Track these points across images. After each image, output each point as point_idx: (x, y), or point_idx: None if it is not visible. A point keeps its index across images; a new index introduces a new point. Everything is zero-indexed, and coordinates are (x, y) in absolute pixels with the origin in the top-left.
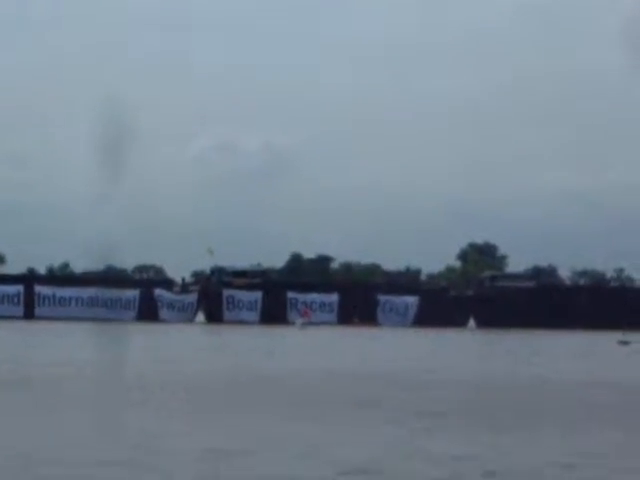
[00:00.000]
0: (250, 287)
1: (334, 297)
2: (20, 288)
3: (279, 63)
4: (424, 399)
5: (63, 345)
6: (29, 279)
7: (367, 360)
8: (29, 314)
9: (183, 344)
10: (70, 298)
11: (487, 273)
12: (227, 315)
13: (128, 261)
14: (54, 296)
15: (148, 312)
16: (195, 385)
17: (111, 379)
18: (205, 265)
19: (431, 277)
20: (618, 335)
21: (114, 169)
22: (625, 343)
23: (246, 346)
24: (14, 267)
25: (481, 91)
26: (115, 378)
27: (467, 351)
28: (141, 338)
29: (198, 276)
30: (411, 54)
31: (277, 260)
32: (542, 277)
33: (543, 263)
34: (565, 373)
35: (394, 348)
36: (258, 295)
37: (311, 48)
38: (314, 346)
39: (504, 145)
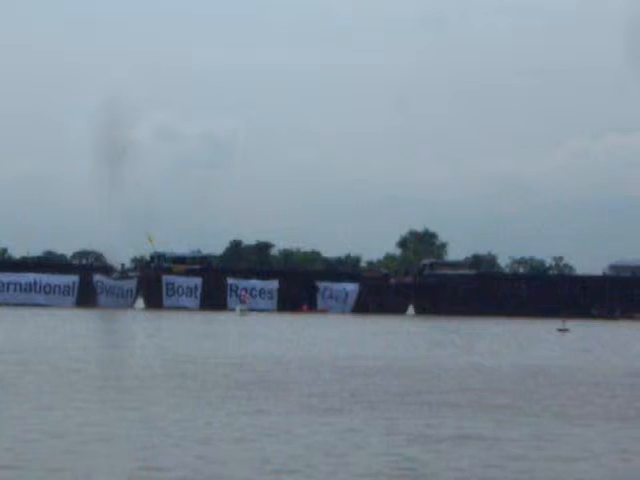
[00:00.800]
0: (190, 273)
1: (274, 284)
2: None
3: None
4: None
5: None
6: None
7: (289, 345)
8: None
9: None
10: (8, 283)
11: (426, 261)
12: (167, 301)
13: (67, 247)
14: None
15: (87, 298)
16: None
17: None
18: (145, 252)
19: (371, 264)
20: (558, 323)
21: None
22: (564, 331)
23: (177, 331)
24: None
25: (424, 73)
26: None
27: (398, 338)
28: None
29: (138, 262)
30: (350, 32)
31: (217, 247)
32: (482, 265)
33: (483, 251)
34: (489, 359)
35: (326, 335)
36: (198, 281)
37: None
38: (244, 332)
39: (446, 133)
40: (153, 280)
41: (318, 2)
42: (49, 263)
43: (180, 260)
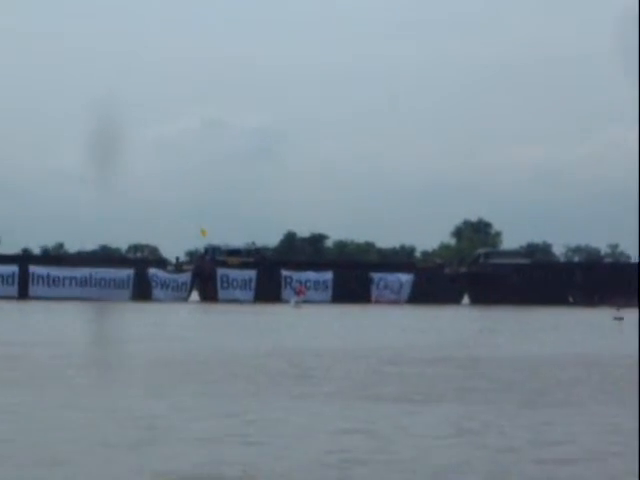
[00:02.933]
0: (244, 266)
1: (328, 275)
2: (15, 268)
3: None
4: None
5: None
6: (24, 259)
7: (347, 337)
8: (23, 294)
9: (173, 322)
10: (64, 278)
11: (481, 250)
12: (221, 294)
13: (122, 240)
14: (48, 276)
15: (142, 291)
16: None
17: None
18: (199, 244)
19: (425, 255)
20: (613, 312)
21: (106, 151)
22: (620, 319)
23: (235, 324)
24: (9, 247)
25: (472, 69)
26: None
27: (455, 328)
28: (133, 316)
29: (192, 255)
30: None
31: (271, 239)
32: (536, 254)
33: (537, 240)
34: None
35: (384, 326)
36: (252, 274)
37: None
38: (302, 324)
39: (500, 124)
40: (207, 273)
41: None
42: (104, 257)
43: (234, 253)
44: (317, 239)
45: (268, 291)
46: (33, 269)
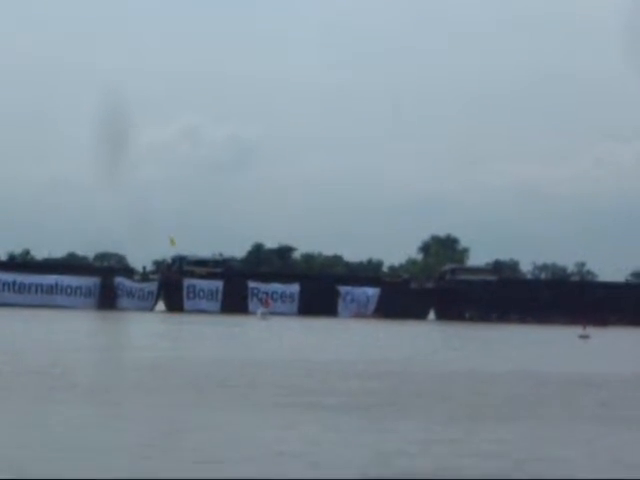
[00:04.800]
0: (211, 276)
1: (295, 287)
2: None
3: (245, 56)
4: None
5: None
6: None
7: (301, 349)
8: None
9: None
10: (30, 285)
11: (448, 266)
12: (188, 304)
13: (89, 248)
14: (14, 283)
15: (108, 300)
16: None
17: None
18: (167, 254)
19: (393, 269)
20: (579, 329)
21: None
22: (585, 337)
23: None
24: None
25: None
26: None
27: (414, 344)
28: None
29: (159, 265)
30: (377, 48)
31: (239, 250)
32: (503, 271)
33: (505, 257)
34: (501, 365)
35: (343, 339)
36: (219, 284)
37: (276, 42)
38: (262, 336)
39: (466, 139)
40: (174, 283)
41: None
42: (71, 265)
43: (201, 263)
44: (285, 251)
45: (235, 302)
46: None
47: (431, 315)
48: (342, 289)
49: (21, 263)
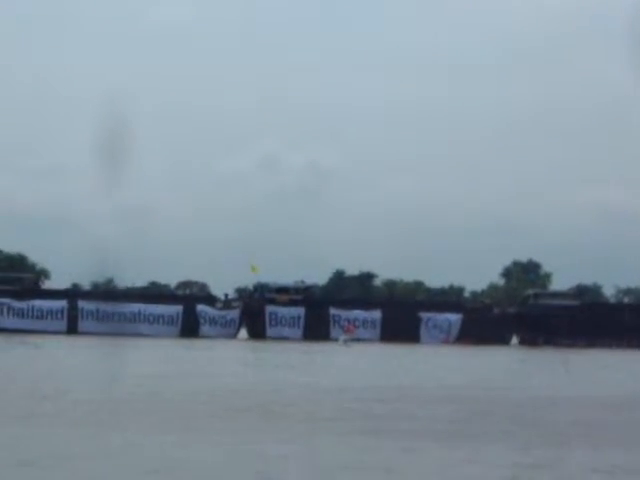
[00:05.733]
0: (293, 303)
1: (377, 314)
2: (64, 303)
3: (322, 83)
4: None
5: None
6: (73, 294)
7: (389, 376)
8: (72, 329)
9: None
10: (113, 314)
11: (530, 291)
12: (270, 331)
13: (172, 277)
14: (97, 311)
15: (190, 328)
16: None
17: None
18: (248, 282)
19: (474, 295)
20: None
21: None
22: None
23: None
24: (59, 282)
25: (522, 109)
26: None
27: (499, 368)
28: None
29: (241, 292)
30: (446, 72)
31: (320, 277)
32: (586, 295)
33: (587, 281)
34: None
35: (431, 364)
36: (301, 311)
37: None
38: (346, 363)
39: (547, 163)
40: (256, 310)
41: (414, 35)
42: (153, 293)
43: (283, 290)
44: (366, 277)
45: (316, 329)
46: (82, 304)
47: (514, 340)
48: (424, 315)
49: (104, 292)
